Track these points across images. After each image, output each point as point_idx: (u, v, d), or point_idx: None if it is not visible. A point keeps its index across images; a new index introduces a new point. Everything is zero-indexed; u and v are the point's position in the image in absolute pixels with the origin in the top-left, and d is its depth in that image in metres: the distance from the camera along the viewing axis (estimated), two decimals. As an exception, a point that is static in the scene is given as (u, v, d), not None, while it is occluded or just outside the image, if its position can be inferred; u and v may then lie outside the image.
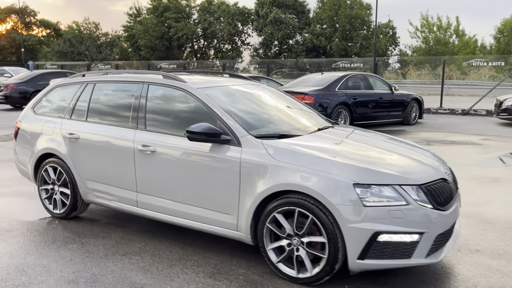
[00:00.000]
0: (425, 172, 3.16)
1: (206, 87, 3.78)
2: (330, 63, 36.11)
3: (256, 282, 3.13)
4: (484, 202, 4.97)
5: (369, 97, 10.76)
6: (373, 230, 2.83)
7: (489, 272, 3.28)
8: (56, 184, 4.41)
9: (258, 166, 3.18)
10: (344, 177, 2.93)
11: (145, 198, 3.80)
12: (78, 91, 4.39)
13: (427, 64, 37.34)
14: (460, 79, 34.56)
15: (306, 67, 40.75)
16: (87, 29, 58.35)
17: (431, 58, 38.60)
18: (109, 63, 44.14)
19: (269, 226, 3.16)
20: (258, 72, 38.32)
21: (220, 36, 52.64)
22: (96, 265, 3.40)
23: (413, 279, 3.17)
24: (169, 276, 3.22)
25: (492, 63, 29.50)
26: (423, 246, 2.94)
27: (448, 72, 36.32)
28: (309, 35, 47.05)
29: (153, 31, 51.09)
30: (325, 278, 3.01)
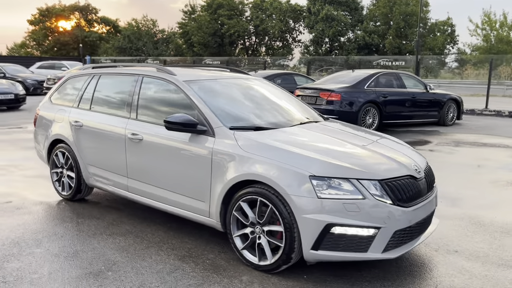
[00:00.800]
0: (389, 167, 3.15)
1: (193, 80, 3.96)
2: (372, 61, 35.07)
3: (220, 267, 3.28)
4: (488, 205, 4.79)
5: (400, 95, 10.50)
6: (326, 221, 2.89)
7: (458, 272, 3.21)
8: (64, 168, 4.78)
9: (228, 156, 3.32)
10: (302, 169, 3.00)
11: (134, 183, 4.05)
12: (85, 82, 4.73)
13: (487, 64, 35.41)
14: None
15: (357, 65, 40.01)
16: (145, 26, 60.62)
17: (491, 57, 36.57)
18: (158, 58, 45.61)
19: (235, 214, 3.29)
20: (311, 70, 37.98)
21: (272, 33, 52.87)
22: (82, 242, 3.69)
23: (375, 274, 3.18)
24: (142, 256, 3.44)
25: None
26: (379, 241, 2.95)
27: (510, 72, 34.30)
28: (362, 32, 46.15)
29: (206, 28, 52.27)
30: (282, 266, 3.10)
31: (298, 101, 4.65)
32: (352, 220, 2.90)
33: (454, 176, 6.14)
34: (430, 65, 40.66)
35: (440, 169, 6.53)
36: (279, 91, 4.62)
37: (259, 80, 4.66)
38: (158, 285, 2.99)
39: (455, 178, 6.00)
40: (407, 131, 10.38)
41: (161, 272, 3.17)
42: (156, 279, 3.08)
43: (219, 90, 4.05)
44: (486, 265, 3.34)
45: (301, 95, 10.40)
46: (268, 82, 4.78)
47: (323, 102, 9.80)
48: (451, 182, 5.80)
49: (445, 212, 4.54)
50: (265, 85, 4.60)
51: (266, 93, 4.41)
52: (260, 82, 4.59)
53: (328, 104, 9.73)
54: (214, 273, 3.17)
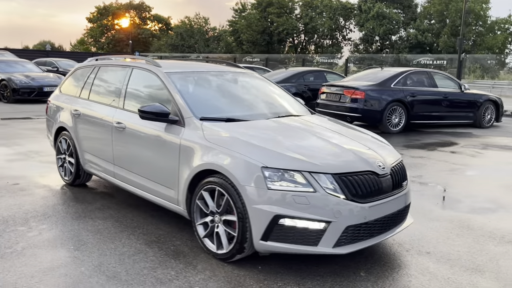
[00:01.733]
0: (348, 162, 3.10)
1: (176, 71, 4.06)
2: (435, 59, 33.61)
3: (181, 253, 3.37)
4: (487, 210, 4.55)
5: (430, 95, 10.09)
6: (274, 213, 2.89)
7: (419, 273, 3.10)
8: (66, 154, 5.06)
9: (193, 146, 3.39)
10: (255, 160, 3.01)
11: (119, 170, 4.23)
12: (88, 73, 4.98)
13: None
14: None
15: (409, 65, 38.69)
16: (197, 23, 61.99)
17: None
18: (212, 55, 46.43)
19: (198, 203, 3.36)
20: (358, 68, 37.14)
21: (321, 31, 52.31)
22: (64, 224, 3.90)
23: (331, 269, 3.13)
24: (112, 239, 3.60)
25: None
26: (330, 236, 2.91)
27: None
28: (414, 30, 44.59)
29: (255, 26, 52.60)
30: (236, 256, 3.13)
31: (288, 96, 4.63)
32: (301, 212, 2.88)
33: (464, 179, 5.86)
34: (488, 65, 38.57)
35: (453, 170, 6.26)
36: (269, 87, 4.62)
37: (249, 75, 4.68)
38: (115, 266, 3.13)
39: (464, 181, 5.72)
40: (436, 132, 9.97)
41: (123, 255, 3.30)
42: (115, 260, 3.21)
43: (200, 82, 4.13)
44: (454, 268, 3.20)
45: (326, 92, 10.29)
46: (262, 78, 4.80)
47: (347, 100, 9.63)
48: (458, 184, 5.54)
49: (437, 214, 4.37)
50: (255, 79, 4.63)
51: (250, 87, 4.44)
52: (249, 77, 4.62)
53: (352, 102, 9.55)
54: (172, 259, 3.26)
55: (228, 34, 60.07)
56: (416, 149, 7.93)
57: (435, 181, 5.66)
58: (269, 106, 4.22)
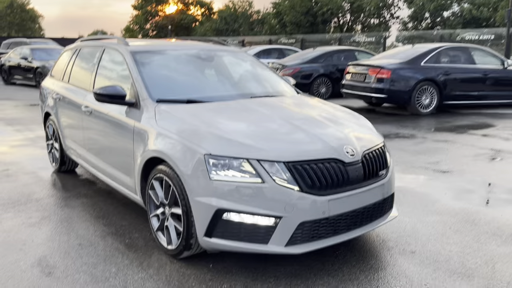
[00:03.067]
0: (304, 148, 2.67)
1: (141, 51, 3.75)
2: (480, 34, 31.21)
3: (133, 247, 3.10)
4: (505, 202, 3.94)
5: (467, 72, 9.19)
6: (217, 206, 2.54)
7: (393, 278, 2.65)
8: (53, 139, 4.93)
9: (145, 130, 3.09)
10: (199, 146, 2.66)
11: (89, 156, 4.02)
12: (70, 56, 4.79)
13: None
14: None
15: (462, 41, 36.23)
16: (241, 7, 61.54)
17: None
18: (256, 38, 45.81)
19: (150, 193, 3.07)
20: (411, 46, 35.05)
21: (367, 10, 50.20)
22: (28, 214, 3.74)
23: (291, 270, 2.75)
24: (70, 230, 3.39)
25: None
26: (281, 233, 2.53)
27: None
28: (468, 5, 41.69)
29: (299, 7, 51.32)
30: (184, 252, 2.82)
31: (273, 75, 4.19)
32: (247, 206, 2.52)
33: (487, 166, 5.19)
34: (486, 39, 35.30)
35: (478, 156, 5.59)
36: (250, 66, 4.20)
37: (231, 53, 4.28)
38: (57, 260, 2.91)
39: (486, 169, 5.06)
40: (473, 113, 9.08)
41: (71, 248, 3.09)
42: (59, 254, 2.99)
43: (167, 62, 3.80)
44: (437, 272, 2.71)
45: (351, 72, 9.65)
46: (246, 56, 4.37)
47: (372, 80, 8.96)
48: (478, 172, 4.90)
49: (440, 206, 3.83)
50: (235, 58, 4.23)
51: (228, 67, 4.05)
52: (230, 56, 4.22)
53: (377, 82, 8.88)
54: (120, 253, 3.00)
55: (271, 16, 59.12)
56: (443, 132, 7.21)
57: (452, 168, 5.04)
58: (243, 86, 3.83)
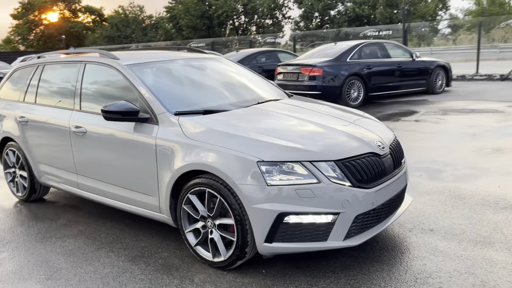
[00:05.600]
0: (346, 145, 2.84)
1: (137, 63, 3.60)
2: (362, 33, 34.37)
3: (172, 266, 3.00)
4: (471, 176, 4.50)
5: (385, 66, 10.11)
6: (278, 211, 2.59)
7: (431, 254, 2.93)
8: (16, 167, 4.47)
9: (172, 144, 3.00)
10: (249, 155, 2.68)
11: (83, 180, 3.75)
12: (30, 74, 4.38)
13: (480, 28, 34.73)
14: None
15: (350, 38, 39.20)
16: (132, 12, 59.58)
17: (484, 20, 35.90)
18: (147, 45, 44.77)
19: (185, 208, 2.99)
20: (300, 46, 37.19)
21: (261, 11, 51.87)
22: (27, 249, 3.40)
23: (341, 263, 2.90)
24: (90, 260, 3.16)
25: None
26: (339, 228, 2.66)
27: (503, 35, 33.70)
28: (351, 4, 45.22)
29: (193, 11, 51.26)
30: (237, 262, 2.82)
31: (261, 79, 4.30)
32: (307, 207, 2.60)
33: (438, 146, 5.83)
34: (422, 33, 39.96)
35: (424, 139, 6.24)
36: (238, 71, 4.26)
37: (216, 60, 4.30)
38: (101, 292, 2.72)
39: (439, 149, 5.69)
40: (394, 102, 10.03)
41: (106, 277, 2.89)
42: (99, 285, 2.80)
43: (166, 73, 3.70)
44: (462, 244, 3.06)
45: (282, 72, 10.03)
46: (228, 62, 4.42)
47: (305, 78, 9.43)
48: (434, 153, 5.49)
49: (425, 187, 4.25)
50: (223, 65, 4.24)
51: (221, 74, 4.07)
52: (217, 62, 4.23)
53: (310, 80, 9.36)
54: (164, 274, 2.89)
55: (166, 21, 58.21)
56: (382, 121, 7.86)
57: (410, 152, 5.58)
58: (245, 92, 3.87)
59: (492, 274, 2.66)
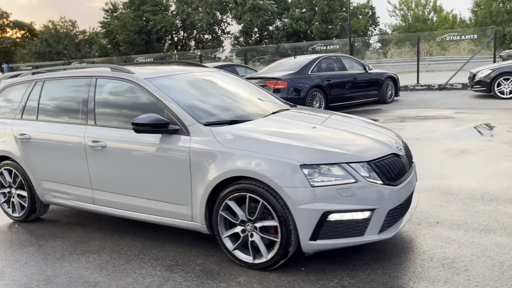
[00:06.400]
0: (374, 148, 3.13)
1: (154, 77, 3.69)
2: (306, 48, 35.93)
3: (212, 271, 3.09)
4: (450, 174, 4.98)
5: (343, 78, 10.71)
6: (323, 210, 2.80)
7: (446, 243, 3.27)
8: (13, 187, 4.31)
9: (207, 154, 3.12)
10: (291, 159, 2.88)
11: (100, 195, 3.72)
12: (27, 90, 4.27)
13: (407, 42, 37.34)
14: (440, 54, 34.67)
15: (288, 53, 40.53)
16: (63, 27, 57.42)
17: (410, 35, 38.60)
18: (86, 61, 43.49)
19: (222, 214, 3.11)
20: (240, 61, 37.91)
21: (200, 27, 52.14)
22: (51, 266, 3.33)
23: (371, 256, 3.16)
24: (125, 272, 3.17)
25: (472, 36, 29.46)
26: (375, 223, 2.92)
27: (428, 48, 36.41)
28: (289, 20, 46.82)
29: (131, 26, 50.45)
30: (280, 262, 2.98)
31: (262, 90, 4.52)
32: (348, 205, 2.84)
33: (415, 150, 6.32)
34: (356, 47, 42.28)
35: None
36: (242, 82, 4.46)
37: (218, 72, 4.46)
38: (152, 301, 2.76)
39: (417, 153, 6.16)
40: (352, 112, 10.56)
41: (150, 287, 2.93)
42: (147, 295, 2.83)
43: (181, 85, 3.81)
44: (469, 232, 3.44)
45: (246, 86, 10.28)
46: (228, 74, 4.60)
47: (270, 91, 9.73)
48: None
49: (415, 186, 4.64)
50: (227, 77, 4.42)
51: (230, 85, 4.23)
52: (220, 75, 4.39)
53: (275, 92, 9.66)
54: (208, 279, 2.98)
55: (101, 36, 56.66)
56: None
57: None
58: (257, 102, 4.06)
59: (504, 255, 3.04)
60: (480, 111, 9.40)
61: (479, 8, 41.17)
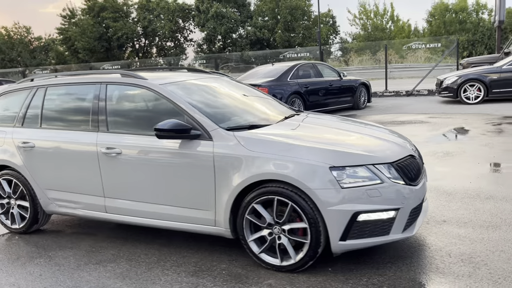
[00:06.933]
0: (394, 150, 3.25)
1: (168, 82, 3.67)
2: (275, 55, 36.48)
3: (240, 275, 3.10)
4: (442, 176, 5.21)
5: (320, 84, 10.95)
6: (353, 210, 2.89)
7: (459, 240, 3.44)
8: (12, 197, 4.14)
9: (232, 158, 3.14)
10: (320, 162, 2.95)
11: (114, 203, 3.65)
12: (28, 97, 4.13)
13: (367, 50, 38.49)
14: (399, 62, 35.95)
15: (252, 60, 40.84)
16: (17, 33, 55.35)
17: (370, 44, 39.86)
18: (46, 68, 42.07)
19: (248, 218, 3.13)
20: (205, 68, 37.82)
21: (162, 34, 51.61)
22: (70, 277, 3.23)
23: (391, 254, 3.27)
24: (150, 279, 3.12)
25: (429, 45, 30.73)
26: (399, 222, 3.03)
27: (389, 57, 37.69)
28: (252, 28, 47.20)
29: (90, 32, 49.22)
30: (309, 263, 3.04)
31: (266, 96, 4.58)
32: (375, 205, 2.94)
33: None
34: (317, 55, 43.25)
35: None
36: (247, 88, 4.50)
37: (221, 78, 4.48)
38: (188, 307, 2.74)
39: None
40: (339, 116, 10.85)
41: (182, 293, 2.91)
42: (181, 301, 2.81)
43: (193, 91, 3.80)
44: (476, 229, 3.62)
45: (226, 93, 10.30)
46: (230, 80, 4.63)
47: (251, 97, 9.81)
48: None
49: (412, 187, 4.83)
50: (230, 83, 4.44)
51: (237, 91, 4.27)
52: (224, 81, 4.42)
53: (255, 99, 9.77)
54: (238, 283, 2.99)
55: (58, 43, 54.93)
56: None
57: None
58: (270, 108, 4.13)
59: (516, 249, 3.23)
60: (451, 116, 9.87)
61: (434, 18, 43.12)
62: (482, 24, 38.60)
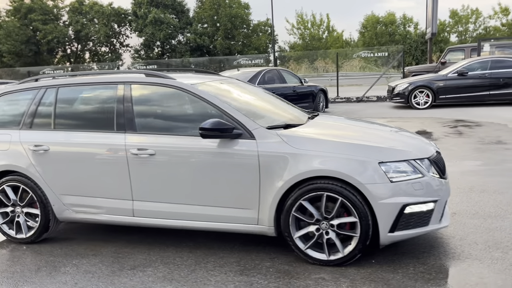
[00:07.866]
0: (426, 146, 3.47)
1: (198, 83, 3.63)
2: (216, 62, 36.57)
3: (288, 271, 3.14)
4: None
5: (284, 90, 11.16)
6: (402, 203, 3.04)
7: (476, 229, 3.72)
8: (19, 205, 3.84)
9: (278, 156, 3.18)
10: (369, 158, 3.08)
11: (144, 206, 3.52)
12: (35, 98, 3.87)
13: (305, 59, 39.69)
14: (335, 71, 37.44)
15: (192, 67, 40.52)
16: None
17: (308, 53, 41.19)
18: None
19: (295, 214, 3.18)
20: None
21: (96, 39, 49.70)
22: (110, 283, 3.08)
23: (422, 244, 3.47)
24: (199, 280, 3.06)
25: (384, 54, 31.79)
26: (437, 213, 3.23)
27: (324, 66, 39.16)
28: (192, 34, 46.91)
29: (16, 35, 46.20)
30: (357, 256, 3.15)
31: (276, 96, 4.65)
32: (419, 197, 3.12)
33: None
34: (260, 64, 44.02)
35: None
36: (260, 90, 4.56)
37: (232, 79, 4.50)
38: (254, 304, 2.73)
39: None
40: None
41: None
42: (244, 299, 2.79)
43: (221, 92, 3.79)
44: (487, 219, 3.94)
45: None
46: (244, 82, 4.65)
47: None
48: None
49: (408, 184, 5.12)
50: (246, 84, 4.48)
51: (257, 93, 4.31)
52: (240, 82, 4.45)
53: (225, 103, 9.77)
54: (292, 279, 3.03)
55: (-21, 46, 50.88)
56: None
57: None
58: (291, 108, 4.20)
59: (529, 234, 3.57)
60: (409, 120, 10.51)
61: (366, 30, 45.55)
62: (409, 36, 41.39)
